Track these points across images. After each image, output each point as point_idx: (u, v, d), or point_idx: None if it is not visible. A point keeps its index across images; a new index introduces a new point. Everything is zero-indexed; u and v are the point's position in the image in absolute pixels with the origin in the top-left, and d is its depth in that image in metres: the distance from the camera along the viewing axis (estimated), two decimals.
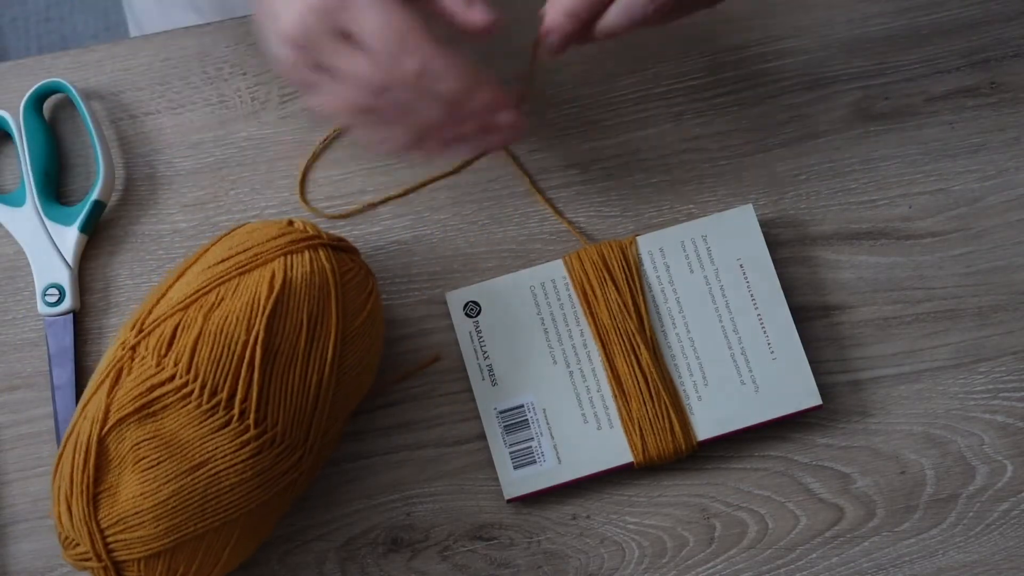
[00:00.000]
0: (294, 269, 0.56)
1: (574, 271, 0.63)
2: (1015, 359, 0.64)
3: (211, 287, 0.55)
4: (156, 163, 0.67)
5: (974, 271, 0.65)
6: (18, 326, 0.65)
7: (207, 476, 0.53)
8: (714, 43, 0.69)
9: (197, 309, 0.55)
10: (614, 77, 0.68)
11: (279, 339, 0.54)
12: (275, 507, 0.56)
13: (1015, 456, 0.63)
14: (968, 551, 0.61)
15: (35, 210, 0.65)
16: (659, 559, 0.61)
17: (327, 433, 0.57)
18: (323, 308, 0.56)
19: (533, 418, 0.61)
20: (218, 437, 0.53)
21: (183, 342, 0.54)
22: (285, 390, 0.54)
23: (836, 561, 0.61)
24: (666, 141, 0.67)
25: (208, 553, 0.55)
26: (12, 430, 0.63)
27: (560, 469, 0.61)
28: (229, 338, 0.54)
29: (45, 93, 0.67)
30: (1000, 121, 0.68)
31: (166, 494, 0.53)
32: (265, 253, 0.56)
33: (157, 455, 0.53)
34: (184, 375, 0.53)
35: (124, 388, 0.54)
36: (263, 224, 0.58)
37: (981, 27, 0.69)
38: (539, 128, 0.67)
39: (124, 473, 0.54)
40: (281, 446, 0.54)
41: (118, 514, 0.53)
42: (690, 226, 0.64)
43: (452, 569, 0.61)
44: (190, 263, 0.58)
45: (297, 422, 0.55)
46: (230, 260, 0.56)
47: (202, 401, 0.53)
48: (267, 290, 0.55)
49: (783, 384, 0.61)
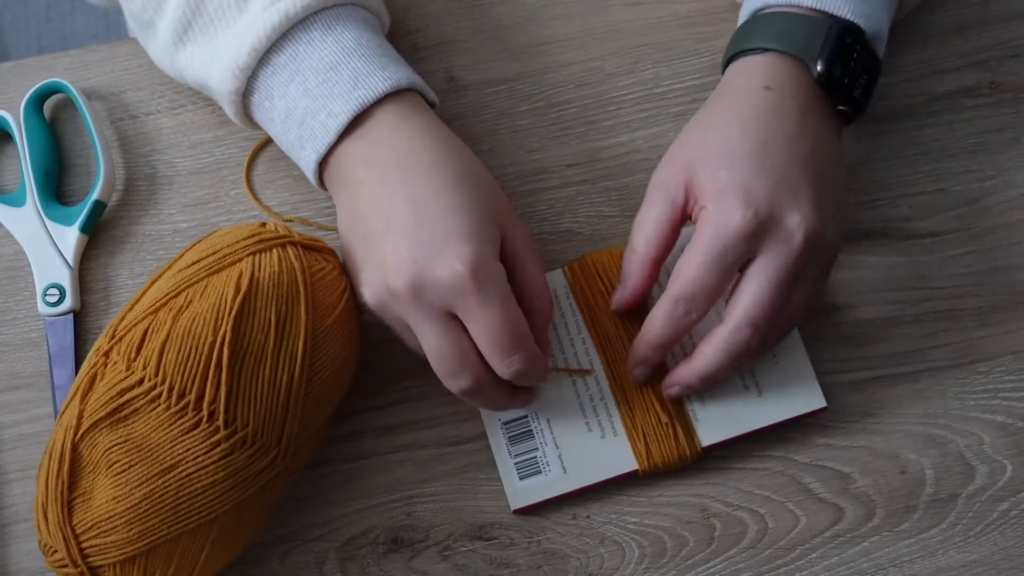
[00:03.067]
0: (262, 269, 0.55)
1: (574, 281, 0.63)
2: (1015, 359, 0.64)
3: (180, 290, 0.55)
4: (156, 163, 0.67)
5: (974, 271, 0.65)
6: (18, 326, 0.65)
7: (178, 478, 0.53)
8: (715, 43, 0.69)
9: (167, 312, 0.54)
10: (614, 77, 0.68)
11: (247, 339, 0.54)
12: (253, 508, 0.56)
13: (1015, 456, 0.63)
14: (968, 551, 0.61)
15: (35, 210, 0.65)
16: (659, 559, 0.61)
17: (303, 433, 0.56)
18: (292, 307, 0.55)
19: (537, 428, 0.61)
20: (188, 439, 0.53)
21: (151, 345, 0.54)
22: (255, 390, 0.54)
23: (836, 561, 0.61)
24: (666, 141, 0.67)
25: (184, 556, 0.55)
26: (12, 430, 0.63)
27: (565, 478, 0.61)
28: (196, 339, 0.53)
29: (45, 93, 0.67)
30: (1000, 121, 0.68)
31: (138, 497, 0.53)
32: (233, 254, 0.56)
33: (129, 459, 0.53)
34: (152, 378, 0.53)
35: (96, 393, 0.54)
36: (236, 227, 0.58)
37: (981, 27, 0.69)
38: (539, 128, 0.67)
39: (98, 478, 0.54)
40: (253, 447, 0.54)
41: (92, 519, 0.53)
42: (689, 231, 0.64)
43: (452, 569, 0.61)
44: (164, 269, 0.57)
45: (269, 422, 0.54)
46: (200, 263, 0.56)
47: (171, 403, 0.53)
48: (234, 290, 0.54)
49: (786, 387, 0.61)
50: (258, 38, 0.57)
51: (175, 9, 0.59)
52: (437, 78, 0.68)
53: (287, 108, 0.58)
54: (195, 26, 0.59)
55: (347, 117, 0.57)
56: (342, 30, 0.58)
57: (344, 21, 0.59)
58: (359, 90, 0.57)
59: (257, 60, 0.58)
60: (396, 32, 0.69)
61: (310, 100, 0.58)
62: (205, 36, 0.59)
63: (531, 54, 0.69)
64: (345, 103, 0.57)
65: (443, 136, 0.58)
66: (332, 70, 0.57)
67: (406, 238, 0.55)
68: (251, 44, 0.57)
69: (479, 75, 0.68)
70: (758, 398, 0.61)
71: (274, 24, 0.57)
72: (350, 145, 0.58)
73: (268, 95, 0.59)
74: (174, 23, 0.60)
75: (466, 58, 0.68)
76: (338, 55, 0.58)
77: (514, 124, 0.67)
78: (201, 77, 0.60)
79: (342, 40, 0.58)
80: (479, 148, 0.67)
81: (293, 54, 0.58)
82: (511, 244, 0.57)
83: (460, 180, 0.56)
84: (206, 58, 0.59)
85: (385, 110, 0.58)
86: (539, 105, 0.68)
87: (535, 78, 0.68)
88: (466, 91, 0.68)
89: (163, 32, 0.60)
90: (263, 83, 0.59)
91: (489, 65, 0.68)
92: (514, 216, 0.59)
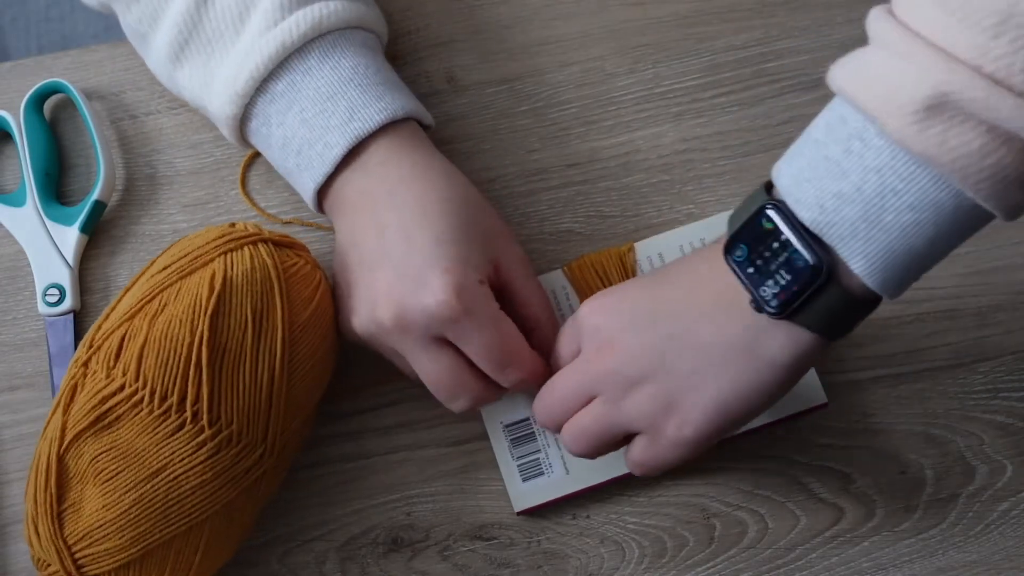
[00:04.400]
0: (234, 267, 0.55)
1: (574, 281, 0.63)
2: (1015, 359, 0.64)
3: (154, 294, 0.55)
4: (156, 163, 0.67)
5: (974, 271, 0.65)
6: (18, 326, 0.65)
7: (167, 481, 0.53)
8: (714, 43, 0.69)
9: (143, 318, 0.54)
10: (614, 77, 0.68)
11: (225, 337, 0.54)
12: (244, 506, 0.56)
13: (1015, 456, 0.63)
14: (968, 551, 0.61)
15: (35, 210, 0.65)
16: (659, 559, 0.61)
17: (288, 428, 0.56)
18: (267, 303, 0.55)
19: (539, 430, 0.61)
20: (173, 441, 0.53)
21: (130, 351, 0.54)
22: (236, 388, 0.54)
23: (836, 561, 0.61)
24: (666, 141, 0.67)
25: (179, 558, 0.55)
26: (12, 430, 0.63)
27: (568, 480, 0.61)
28: (174, 341, 0.53)
29: (46, 93, 0.67)
30: None
31: (128, 503, 0.53)
32: (205, 255, 0.56)
33: (116, 466, 0.53)
34: (133, 383, 0.53)
35: (78, 404, 0.54)
36: (206, 230, 0.58)
37: None
38: (539, 128, 0.67)
39: (86, 488, 0.54)
40: (239, 444, 0.54)
41: (83, 529, 0.53)
42: (688, 229, 0.64)
43: (452, 569, 0.61)
44: (137, 276, 0.57)
45: (253, 419, 0.54)
46: (172, 266, 0.56)
47: (153, 407, 0.53)
48: (208, 290, 0.54)
49: None
50: (256, 67, 0.57)
51: (171, 27, 0.59)
52: (437, 78, 0.68)
53: (284, 136, 0.58)
54: (192, 45, 0.59)
55: (343, 149, 0.57)
56: (339, 57, 0.58)
57: (342, 47, 0.58)
58: (355, 122, 0.57)
59: (255, 88, 0.58)
60: (396, 32, 0.69)
61: (307, 130, 0.57)
62: (202, 56, 0.59)
63: (531, 54, 0.69)
64: (341, 135, 0.57)
65: (434, 164, 0.59)
66: (329, 100, 0.57)
67: (394, 269, 0.55)
68: (249, 72, 0.57)
69: (479, 75, 0.68)
70: None
71: (271, 53, 0.57)
72: (347, 175, 0.58)
73: (266, 122, 0.58)
74: (170, 40, 0.59)
75: (466, 58, 0.68)
76: (335, 84, 0.57)
77: (514, 124, 0.67)
78: (198, 99, 0.60)
79: (339, 68, 0.58)
80: (479, 148, 0.67)
81: (291, 83, 0.58)
82: (506, 265, 0.58)
83: (446, 208, 0.57)
84: (204, 79, 0.59)
85: (379, 142, 0.58)
86: (539, 105, 0.68)
87: (535, 78, 0.68)
88: (466, 91, 0.68)
89: (159, 47, 0.60)
90: (261, 110, 0.58)
91: (489, 65, 0.68)
92: (509, 237, 0.60)
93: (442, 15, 0.69)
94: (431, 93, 0.68)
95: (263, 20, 0.57)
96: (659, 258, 0.63)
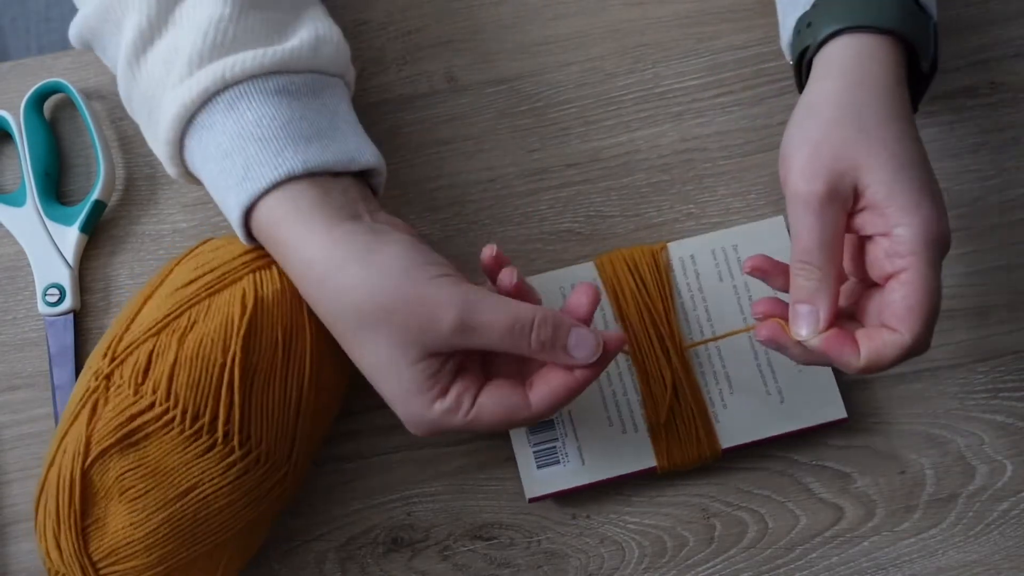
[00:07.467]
0: (264, 287, 0.55)
1: (606, 273, 0.63)
2: (1015, 359, 0.64)
3: (182, 310, 0.55)
4: (156, 163, 0.67)
5: (974, 271, 0.65)
6: (18, 326, 0.65)
7: (196, 501, 0.53)
8: (714, 43, 0.69)
9: (170, 334, 0.54)
10: (614, 77, 0.68)
11: (256, 358, 0.54)
12: (262, 523, 0.57)
13: (1015, 456, 0.63)
14: (968, 551, 0.61)
15: (35, 210, 0.65)
16: (659, 559, 0.61)
17: (311, 447, 0.57)
18: (296, 324, 0.55)
19: (558, 418, 0.61)
20: (204, 461, 0.53)
21: (160, 369, 0.53)
22: (266, 408, 0.54)
23: (836, 561, 0.61)
24: (666, 141, 0.67)
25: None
26: (12, 430, 0.63)
27: (583, 471, 0.61)
28: (206, 361, 0.53)
29: (45, 93, 0.67)
30: (1000, 121, 0.68)
31: (156, 522, 0.53)
32: (232, 272, 0.56)
33: (144, 484, 0.53)
34: (164, 402, 0.53)
35: (103, 419, 0.54)
36: (225, 241, 0.58)
37: (981, 27, 0.69)
38: (539, 128, 0.67)
39: (111, 504, 0.54)
40: (267, 464, 0.54)
41: (109, 546, 0.53)
42: (721, 235, 0.64)
43: (452, 569, 0.61)
44: (156, 285, 0.57)
45: (280, 439, 0.55)
46: (198, 281, 0.56)
47: (185, 427, 0.53)
48: (240, 310, 0.54)
49: (808, 395, 0.61)
50: (168, 126, 0.54)
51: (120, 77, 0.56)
52: (437, 78, 0.68)
53: (208, 187, 0.56)
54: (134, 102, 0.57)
55: (239, 211, 0.53)
56: (244, 109, 0.53)
57: (248, 98, 0.53)
58: (247, 182, 0.53)
59: (177, 142, 0.55)
60: (396, 32, 0.69)
61: (215, 190, 0.55)
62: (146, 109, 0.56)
63: (531, 54, 0.69)
64: (236, 195, 0.53)
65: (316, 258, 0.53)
66: (227, 158, 0.53)
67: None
68: (164, 130, 0.54)
69: (479, 75, 0.68)
70: (780, 405, 0.61)
71: (176, 113, 0.54)
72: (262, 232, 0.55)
73: (196, 172, 0.56)
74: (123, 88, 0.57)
75: (466, 58, 0.69)
76: (233, 140, 0.53)
77: (514, 124, 0.67)
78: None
79: (241, 121, 0.53)
80: (479, 148, 0.67)
81: (199, 140, 0.54)
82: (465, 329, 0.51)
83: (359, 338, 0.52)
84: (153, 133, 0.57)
85: (268, 204, 0.53)
86: (539, 105, 0.68)
87: (535, 78, 0.68)
88: (466, 91, 0.68)
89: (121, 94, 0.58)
90: (188, 159, 0.56)
91: (489, 65, 0.68)
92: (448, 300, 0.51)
93: (442, 15, 0.69)
94: (431, 93, 0.68)
95: (176, 76, 0.54)
96: (691, 260, 0.63)
